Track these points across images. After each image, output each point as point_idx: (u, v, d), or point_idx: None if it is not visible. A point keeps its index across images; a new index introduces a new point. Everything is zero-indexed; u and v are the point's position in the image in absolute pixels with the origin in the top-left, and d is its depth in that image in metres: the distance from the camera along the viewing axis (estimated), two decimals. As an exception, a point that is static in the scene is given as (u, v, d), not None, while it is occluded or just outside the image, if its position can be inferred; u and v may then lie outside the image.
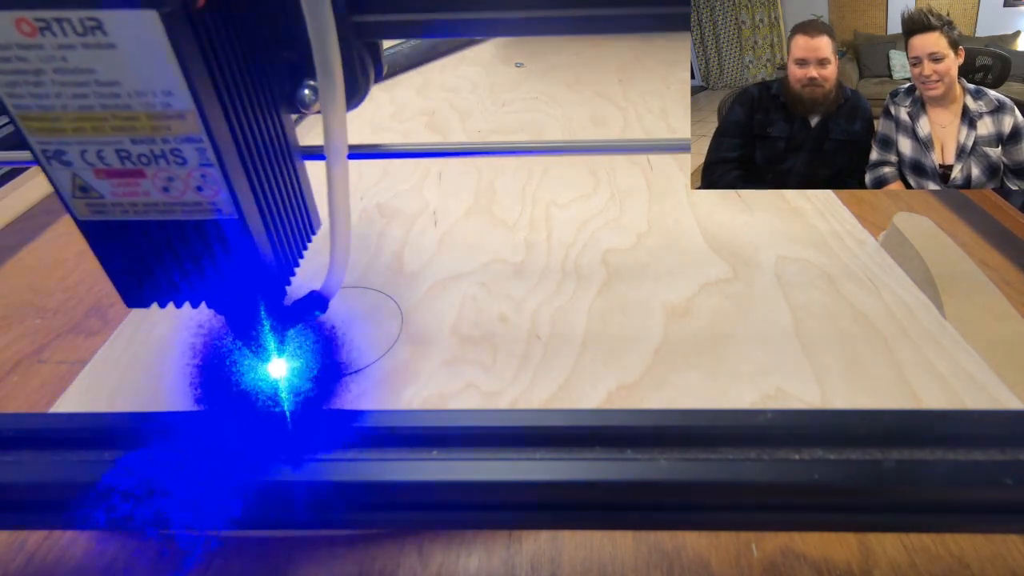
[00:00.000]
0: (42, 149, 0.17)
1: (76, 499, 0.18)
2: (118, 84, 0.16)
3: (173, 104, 0.16)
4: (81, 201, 0.18)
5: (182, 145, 0.17)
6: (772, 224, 0.38)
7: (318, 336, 0.27)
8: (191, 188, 0.18)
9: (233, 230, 0.19)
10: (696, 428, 0.17)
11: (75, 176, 0.18)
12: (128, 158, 0.17)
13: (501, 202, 0.41)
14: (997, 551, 0.23)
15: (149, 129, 0.17)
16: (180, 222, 0.19)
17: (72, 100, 0.16)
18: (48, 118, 0.16)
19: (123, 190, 0.18)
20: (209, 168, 0.17)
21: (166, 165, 0.17)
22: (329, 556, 0.24)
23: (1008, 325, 0.31)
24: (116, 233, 0.19)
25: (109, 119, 0.16)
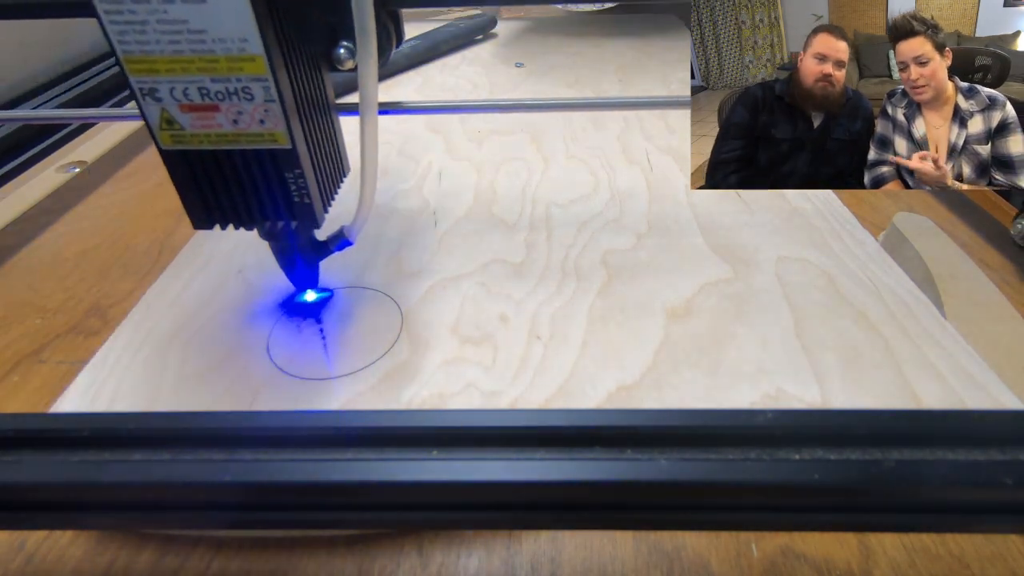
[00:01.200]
0: (139, 87, 0.22)
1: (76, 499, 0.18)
2: (205, 32, 0.20)
3: (247, 49, 0.20)
4: (166, 132, 0.23)
5: (251, 84, 0.21)
6: (772, 224, 0.38)
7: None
8: (256, 121, 0.22)
9: (286, 159, 0.23)
10: (696, 428, 0.17)
11: (163, 110, 0.22)
12: (207, 94, 0.22)
13: (501, 202, 0.41)
14: (997, 551, 0.23)
15: (226, 70, 0.21)
16: (244, 151, 0.23)
17: (168, 46, 0.20)
18: (147, 60, 0.21)
19: (201, 122, 0.22)
20: (272, 104, 0.22)
21: (237, 101, 0.22)
22: (329, 556, 0.24)
23: (1008, 325, 0.31)
24: (192, 161, 0.24)
25: (195, 61, 0.21)
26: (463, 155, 0.48)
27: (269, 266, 0.35)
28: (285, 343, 0.30)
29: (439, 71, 0.68)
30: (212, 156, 0.23)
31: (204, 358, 0.29)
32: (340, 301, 0.33)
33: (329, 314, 0.32)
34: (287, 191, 0.24)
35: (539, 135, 0.51)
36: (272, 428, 0.18)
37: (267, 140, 0.23)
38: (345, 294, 0.33)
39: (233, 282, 0.34)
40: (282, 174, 0.24)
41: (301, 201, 0.25)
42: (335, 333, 0.30)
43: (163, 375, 0.28)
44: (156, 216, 0.46)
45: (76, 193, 0.50)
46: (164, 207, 0.47)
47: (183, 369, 0.28)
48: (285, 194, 0.24)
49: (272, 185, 0.24)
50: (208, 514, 0.18)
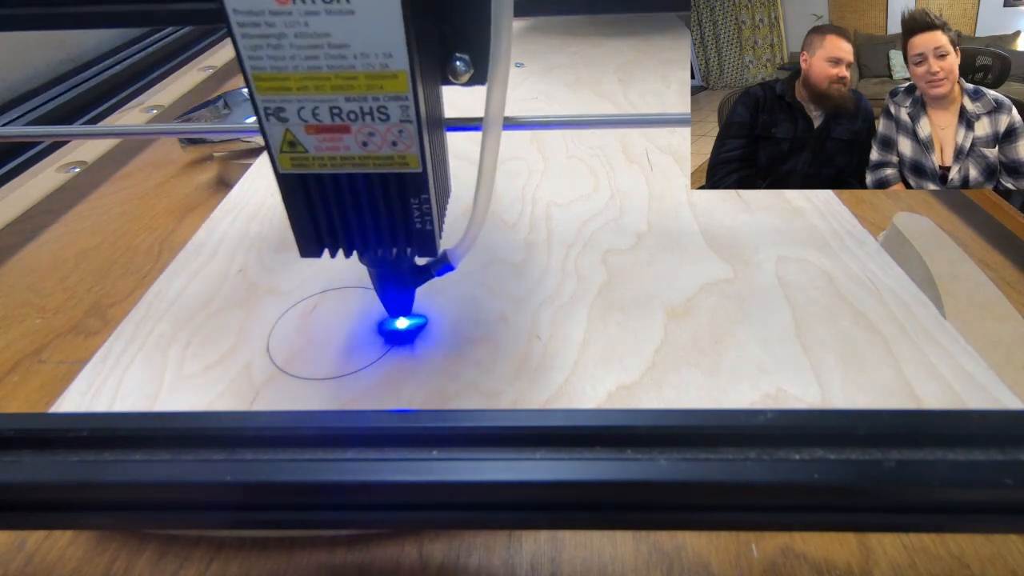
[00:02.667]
0: (265, 107, 0.19)
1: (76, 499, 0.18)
2: (347, 47, 0.18)
3: (391, 65, 0.18)
4: (287, 155, 0.20)
5: (388, 103, 0.19)
6: (772, 224, 0.38)
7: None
8: (387, 143, 0.20)
9: (415, 183, 0.21)
10: (696, 428, 0.17)
11: (288, 131, 0.20)
12: (339, 114, 0.19)
13: (501, 202, 0.41)
14: (997, 551, 0.23)
15: (365, 88, 0.19)
16: (370, 175, 0.21)
17: (304, 61, 0.18)
18: (279, 78, 0.19)
19: (327, 144, 0.20)
20: (408, 124, 0.20)
21: (371, 121, 0.20)
22: (329, 556, 0.24)
23: (1008, 325, 0.31)
24: (311, 185, 0.21)
25: (332, 79, 0.19)
26: (463, 155, 0.48)
27: (269, 266, 0.35)
28: (286, 343, 0.30)
29: (439, 71, 0.68)
30: (333, 180, 0.21)
31: (204, 358, 0.29)
32: (340, 301, 0.33)
33: (329, 314, 0.32)
34: (409, 218, 0.22)
35: (539, 135, 0.51)
36: (272, 428, 0.18)
37: (397, 163, 0.21)
38: (345, 294, 0.33)
39: (233, 282, 0.34)
40: (407, 199, 0.22)
41: (423, 228, 0.22)
42: (335, 333, 0.30)
43: (163, 375, 0.28)
44: (156, 216, 0.46)
45: (76, 193, 0.50)
46: (164, 207, 0.47)
47: (183, 369, 0.28)
48: (407, 220, 0.22)
49: (395, 212, 0.22)
50: (208, 514, 0.18)
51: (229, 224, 0.39)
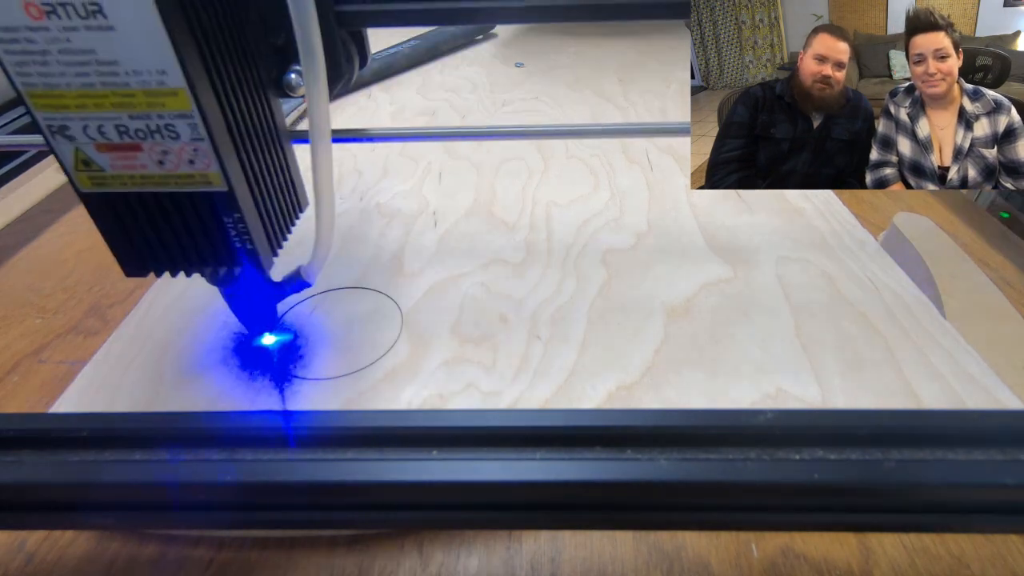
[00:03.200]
0: (47, 124, 0.19)
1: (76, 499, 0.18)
2: (117, 63, 0.17)
3: (167, 82, 0.17)
4: (83, 174, 0.20)
5: (175, 121, 0.18)
6: (772, 224, 0.38)
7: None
8: (184, 161, 0.19)
9: (223, 202, 0.20)
10: (696, 428, 0.17)
11: (78, 150, 0.19)
12: (126, 133, 0.19)
13: (501, 202, 0.41)
14: (997, 551, 0.23)
15: (145, 105, 0.18)
16: (174, 194, 0.20)
17: (75, 78, 0.17)
18: (53, 95, 0.18)
19: (122, 163, 0.19)
20: (200, 143, 0.19)
21: (161, 140, 0.19)
22: (329, 556, 0.24)
23: (1008, 325, 0.31)
24: (116, 204, 0.20)
25: (109, 96, 0.18)
26: (463, 155, 0.48)
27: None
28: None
29: (439, 71, 0.68)
30: (139, 199, 0.20)
31: (204, 358, 0.29)
32: (340, 301, 0.33)
33: (329, 315, 0.32)
34: (226, 236, 0.21)
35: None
36: (272, 428, 0.18)
37: (199, 182, 0.20)
38: (345, 294, 0.33)
39: (233, 282, 0.34)
40: (219, 218, 0.21)
41: (244, 247, 0.22)
42: (336, 333, 0.30)
43: (163, 375, 0.28)
44: (156, 216, 0.46)
45: (76, 193, 0.50)
46: (164, 207, 0.47)
47: (183, 369, 0.28)
48: (225, 239, 0.21)
49: (209, 230, 0.21)
50: (208, 514, 0.18)
51: (229, 224, 0.39)
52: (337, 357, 0.29)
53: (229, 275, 0.23)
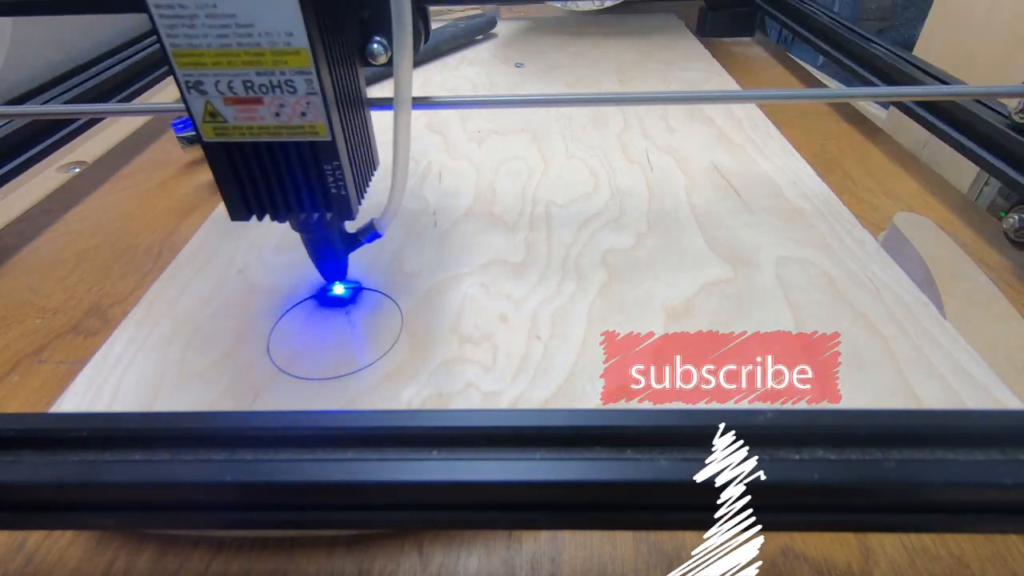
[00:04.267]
0: (185, 80, 0.22)
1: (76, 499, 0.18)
2: (252, 25, 0.20)
3: (292, 43, 0.21)
4: (209, 125, 0.23)
5: (295, 77, 0.22)
6: (772, 224, 0.38)
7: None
8: (297, 113, 0.22)
9: (326, 151, 0.24)
10: (696, 428, 0.17)
11: (208, 103, 0.22)
12: (251, 87, 0.22)
13: (501, 202, 0.41)
14: (997, 551, 0.23)
15: (271, 63, 0.21)
16: (285, 143, 0.23)
17: (216, 39, 0.21)
18: (195, 54, 0.21)
19: (244, 115, 0.23)
20: (313, 96, 0.22)
21: (280, 94, 0.22)
22: (329, 556, 0.24)
23: (1008, 325, 0.31)
24: (233, 153, 0.24)
25: (241, 55, 0.21)
26: (463, 155, 0.48)
27: (269, 266, 0.35)
28: (286, 343, 0.30)
29: (439, 71, 0.68)
30: (253, 148, 0.24)
31: (204, 358, 0.29)
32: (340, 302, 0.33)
33: (330, 315, 0.32)
34: (324, 183, 0.24)
35: (539, 135, 0.51)
36: (272, 428, 0.18)
37: (308, 132, 0.23)
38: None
39: (233, 282, 0.34)
40: (321, 166, 0.24)
41: (338, 193, 0.25)
42: (335, 333, 0.30)
43: (163, 375, 0.28)
44: (156, 216, 0.46)
45: (76, 193, 0.50)
46: (164, 207, 0.47)
47: (183, 369, 0.28)
48: (323, 186, 0.25)
49: (311, 177, 0.24)
50: (208, 514, 0.18)
51: (229, 224, 0.39)
52: (337, 357, 0.29)
53: (320, 220, 0.26)
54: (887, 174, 0.49)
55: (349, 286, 0.33)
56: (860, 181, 0.48)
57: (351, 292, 0.33)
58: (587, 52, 0.72)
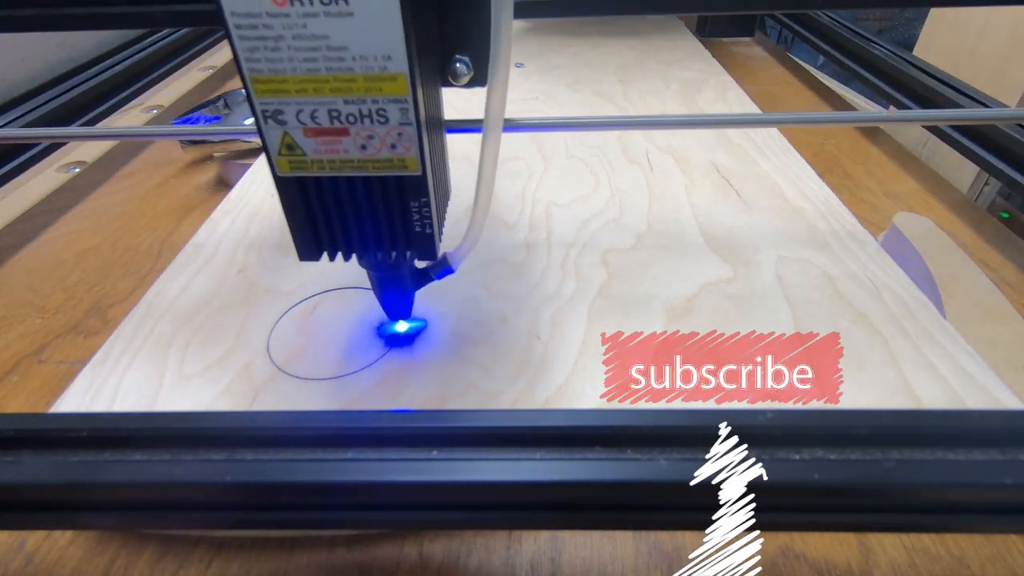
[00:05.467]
0: (263, 109, 0.19)
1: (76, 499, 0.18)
2: (346, 49, 0.18)
3: (390, 67, 0.18)
4: (285, 159, 0.20)
5: (388, 105, 0.19)
6: (772, 224, 0.38)
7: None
8: (387, 146, 0.20)
9: (414, 186, 0.21)
10: (696, 428, 0.17)
11: (286, 134, 0.19)
12: (338, 117, 0.19)
13: (501, 202, 0.41)
14: (997, 551, 0.23)
15: (363, 90, 0.18)
16: (369, 178, 0.21)
17: (302, 64, 0.18)
18: (276, 80, 0.18)
19: (326, 147, 0.20)
20: (407, 127, 0.19)
21: (370, 124, 0.19)
22: (329, 556, 0.24)
23: (1008, 325, 0.31)
24: (308, 188, 0.21)
25: (330, 81, 0.18)
26: (463, 155, 0.48)
27: (269, 266, 0.35)
28: (286, 343, 0.30)
29: (439, 71, 0.68)
30: (332, 183, 0.21)
31: (204, 358, 0.29)
32: (341, 301, 0.33)
33: (330, 315, 0.32)
34: (409, 220, 0.22)
35: (539, 135, 0.51)
36: (272, 428, 0.18)
37: (396, 166, 0.20)
38: (346, 295, 0.33)
39: (233, 282, 0.34)
40: (407, 203, 0.21)
41: (423, 231, 0.22)
42: (335, 334, 0.30)
43: (163, 375, 0.28)
44: (156, 216, 0.46)
45: (76, 193, 0.50)
46: (164, 207, 0.47)
47: (183, 369, 0.28)
48: (406, 224, 0.22)
49: (394, 214, 0.22)
50: (208, 514, 0.18)
51: (229, 224, 0.39)
52: (337, 357, 0.29)
53: (399, 258, 0.24)
54: (887, 174, 0.49)
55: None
56: (860, 181, 0.48)
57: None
58: (587, 52, 0.72)
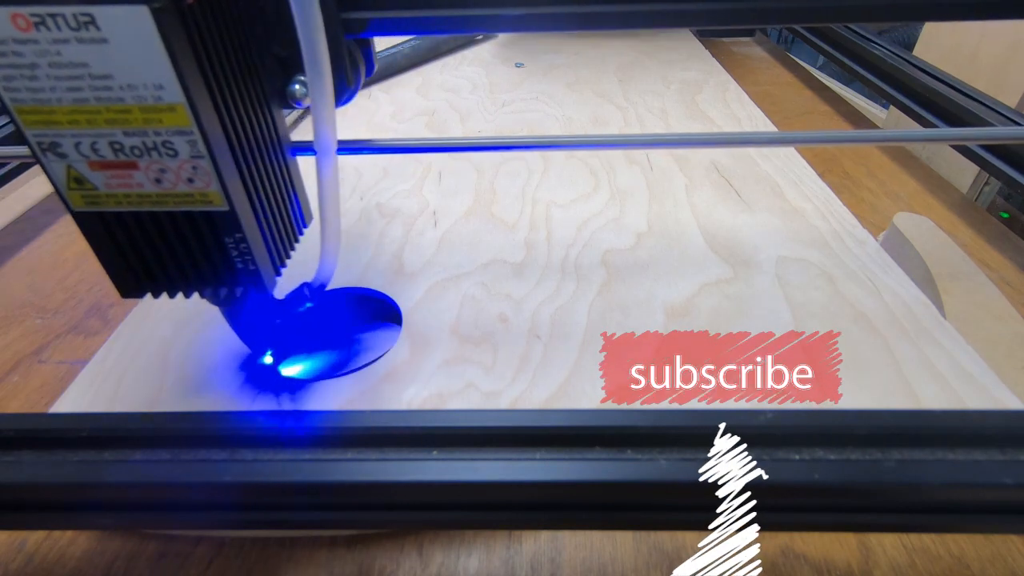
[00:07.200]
0: (38, 142, 0.18)
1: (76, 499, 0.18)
2: (111, 77, 0.16)
3: (164, 97, 0.16)
4: (76, 192, 0.19)
5: (173, 137, 0.17)
6: (772, 224, 0.38)
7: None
8: (183, 180, 0.18)
9: (223, 222, 0.19)
10: (696, 428, 0.17)
11: (70, 167, 0.18)
12: (121, 150, 0.18)
13: (501, 202, 0.41)
14: (997, 551, 0.23)
15: (141, 121, 0.17)
16: (172, 213, 0.19)
17: (67, 93, 0.17)
18: (43, 111, 0.17)
19: (116, 181, 0.18)
20: (200, 160, 0.18)
21: (158, 157, 0.18)
22: (329, 556, 0.24)
23: (1008, 325, 0.31)
24: (111, 224, 0.20)
25: (103, 112, 0.17)
26: (463, 155, 0.48)
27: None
28: (286, 343, 0.30)
29: (439, 71, 0.68)
30: (135, 218, 0.19)
31: (204, 358, 0.29)
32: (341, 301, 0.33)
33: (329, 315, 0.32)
34: (228, 257, 0.20)
35: (540, 134, 0.51)
36: (272, 428, 0.18)
37: (198, 201, 0.19)
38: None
39: (233, 282, 0.34)
40: (220, 239, 0.20)
41: (246, 267, 0.21)
42: (336, 334, 0.30)
43: (163, 375, 0.28)
44: (156, 216, 0.46)
45: (76, 193, 0.50)
46: (164, 207, 0.47)
47: (183, 369, 0.28)
48: (226, 259, 0.20)
49: (209, 250, 0.20)
50: (208, 514, 0.18)
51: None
52: (337, 357, 0.29)
53: (230, 296, 0.22)
54: (887, 174, 0.49)
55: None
56: (860, 181, 0.48)
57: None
58: (587, 52, 0.72)
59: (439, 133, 0.52)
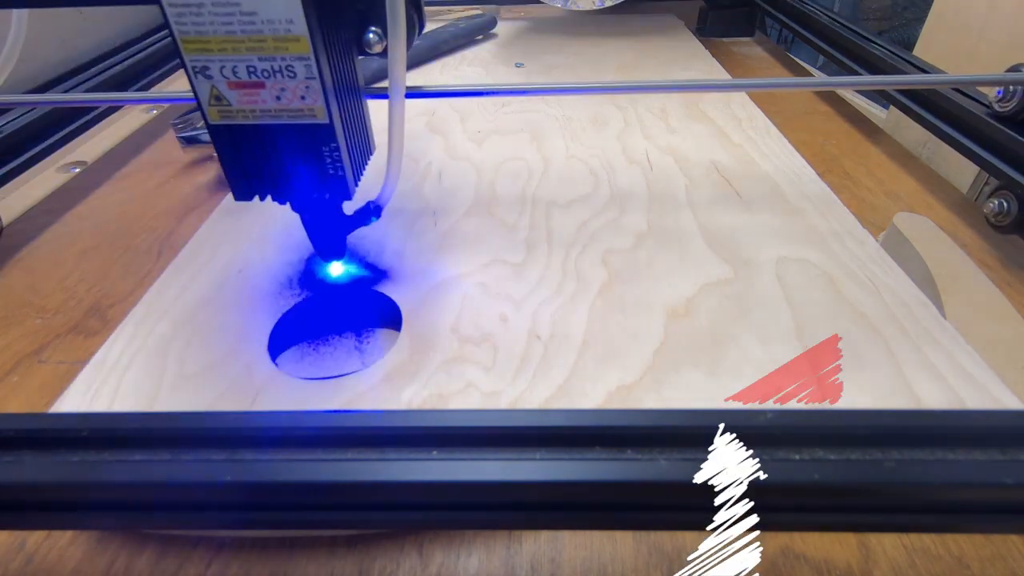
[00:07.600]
0: (192, 66, 0.23)
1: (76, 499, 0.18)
2: (255, 14, 0.22)
3: (292, 30, 0.22)
4: (215, 108, 0.24)
5: (295, 62, 0.23)
6: (772, 224, 0.38)
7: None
8: (297, 97, 0.24)
9: (324, 133, 0.25)
10: (696, 428, 0.17)
11: (213, 87, 0.24)
12: (254, 72, 0.23)
13: (501, 202, 0.41)
14: (997, 551, 0.23)
15: (272, 49, 0.23)
16: (285, 126, 0.25)
17: (221, 26, 0.22)
18: (201, 41, 0.23)
19: (247, 98, 0.24)
20: (312, 81, 0.24)
21: (281, 78, 0.24)
22: (329, 556, 0.24)
23: (1008, 325, 0.31)
24: (237, 135, 0.25)
25: (245, 41, 0.23)
26: (463, 155, 0.48)
27: (270, 265, 0.35)
28: (285, 343, 0.30)
29: (439, 71, 0.68)
30: (255, 130, 0.25)
31: (204, 358, 0.29)
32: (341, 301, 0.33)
33: (330, 314, 0.32)
34: (323, 164, 0.26)
35: (539, 135, 0.51)
36: (272, 428, 0.18)
37: (306, 115, 0.24)
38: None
39: (233, 282, 0.34)
40: (319, 148, 0.25)
41: (335, 174, 0.26)
42: (336, 333, 0.30)
43: (163, 375, 0.28)
44: (156, 216, 0.46)
45: (76, 193, 0.50)
46: (164, 207, 0.47)
47: (183, 369, 0.28)
48: (320, 167, 0.26)
49: (309, 158, 0.26)
50: (208, 514, 0.18)
51: (229, 224, 0.39)
52: (337, 357, 0.29)
53: (318, 200, 0.28)
54: (887, 174, 0.49)
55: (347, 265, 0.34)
56: (860, 181, 0.48)
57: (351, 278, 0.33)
58: (587, 52, 0.72)
59: (439, 133, 0.52)
